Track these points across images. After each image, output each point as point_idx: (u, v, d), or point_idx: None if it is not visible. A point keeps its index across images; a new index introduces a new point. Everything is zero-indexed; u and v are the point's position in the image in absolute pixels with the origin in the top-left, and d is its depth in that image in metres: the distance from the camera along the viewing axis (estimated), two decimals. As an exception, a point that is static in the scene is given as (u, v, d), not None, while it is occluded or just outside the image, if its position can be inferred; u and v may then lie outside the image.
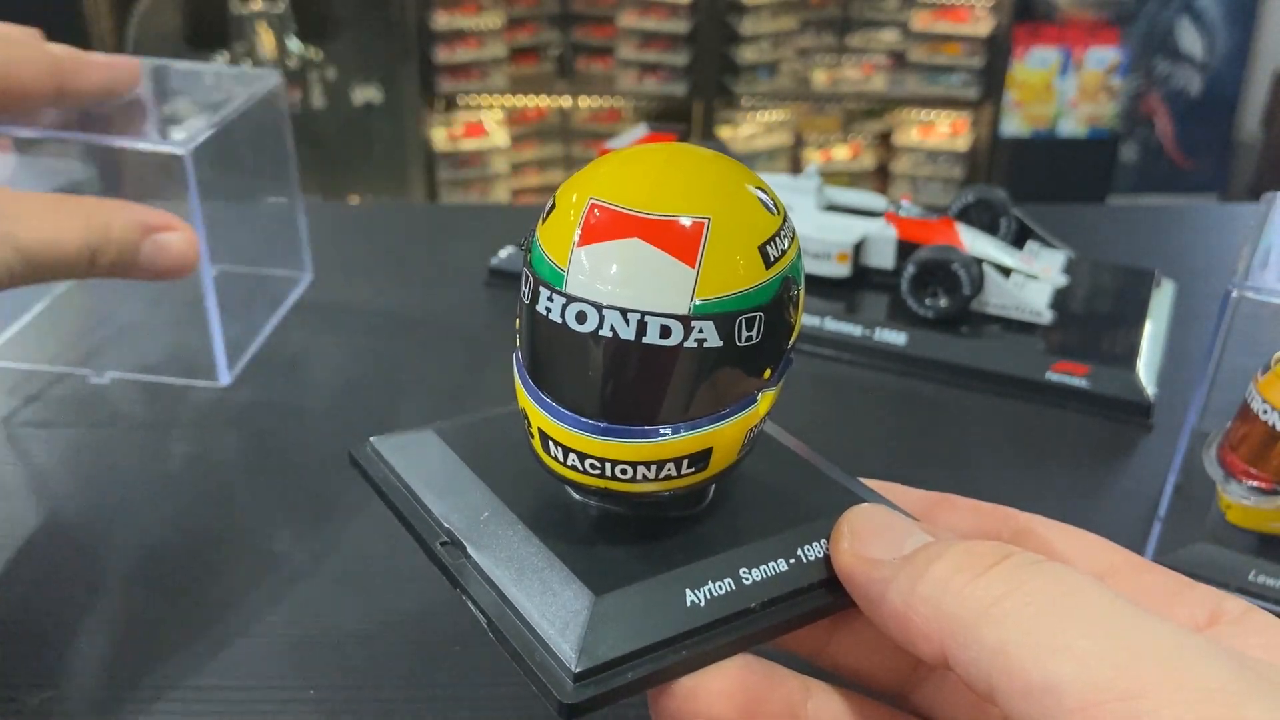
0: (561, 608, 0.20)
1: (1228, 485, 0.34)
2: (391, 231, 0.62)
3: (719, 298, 0.19)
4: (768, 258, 0.20)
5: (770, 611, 0.21)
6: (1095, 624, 0.16)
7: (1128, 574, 0.20)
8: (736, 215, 0.20)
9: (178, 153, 0.39)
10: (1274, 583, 0.33)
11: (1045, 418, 0.43)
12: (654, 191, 0.20)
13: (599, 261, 0.19)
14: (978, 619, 0.17)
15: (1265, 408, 0.32)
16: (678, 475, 0.21)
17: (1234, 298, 0.30)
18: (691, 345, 0.19)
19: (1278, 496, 0.33)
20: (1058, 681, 0.15)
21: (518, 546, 0.21)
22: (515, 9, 1.93)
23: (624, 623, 0.19)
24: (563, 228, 0.20)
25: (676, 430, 0.20)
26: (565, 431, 0.20)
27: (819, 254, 0.49)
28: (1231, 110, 2.18)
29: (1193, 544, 0.34)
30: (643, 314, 0.19)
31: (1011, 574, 0.17)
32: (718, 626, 0.20)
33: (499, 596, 0.20)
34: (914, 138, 2.01)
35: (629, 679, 0.19)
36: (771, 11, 1.90)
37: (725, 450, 0.21)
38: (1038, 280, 0.48)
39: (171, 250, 0.33)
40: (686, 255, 0.19)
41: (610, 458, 0.20)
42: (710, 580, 0.21)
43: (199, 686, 0.29)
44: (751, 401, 0.21)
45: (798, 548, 0.21)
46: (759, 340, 0.20)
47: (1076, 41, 2.03)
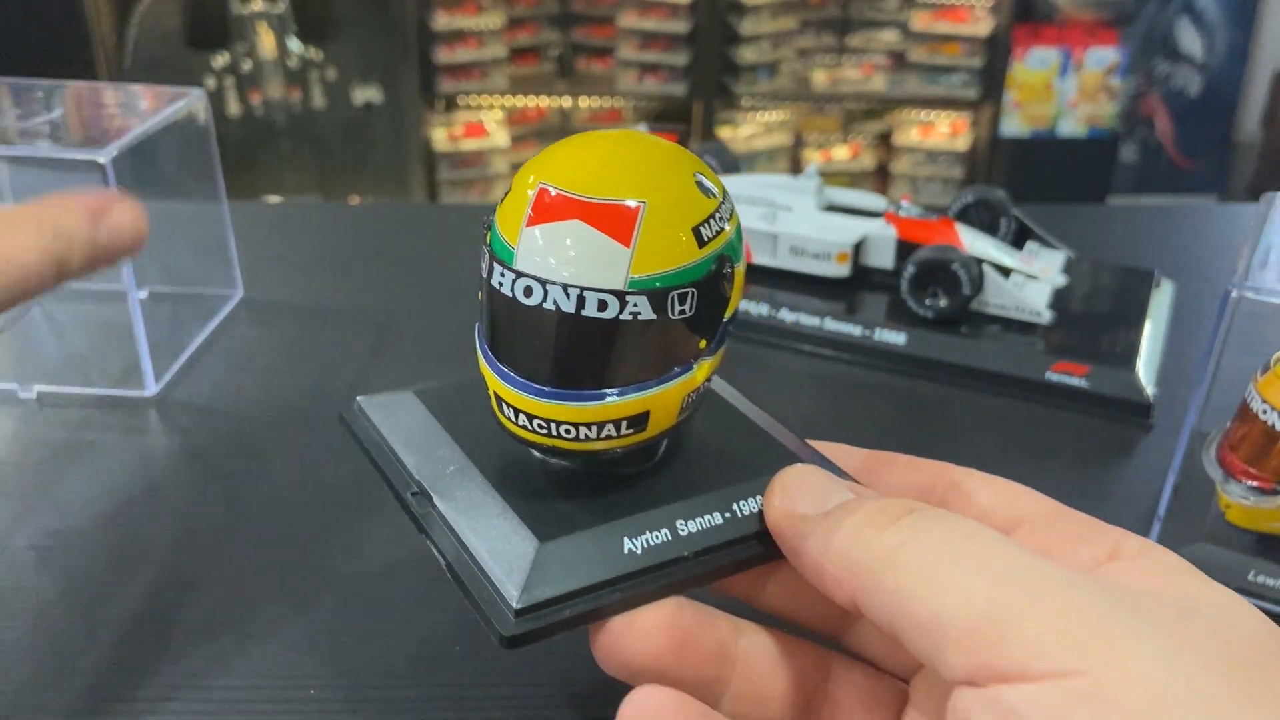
0: (510, 552, 0.22)
1: (1227, 485, 0.34)
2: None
3: (652, 275, 0.21)
4: (701, 238, 0.22)
5: (703, 560, 0.23)
6: (980, 565, 0.18)
7: (1042, 520, 0.22)
8: (672, 199, 0.22)
9: (98, 160, 0.39)
10: (1273, 582, 0.33)
11: (1045, 418, 0.43)
12: (596, 177, 0.22)
13: (544, 241, 0.21)
14: (881, 566, 0.19)
15: (1265, 407, 0.32)
16: (618, 435, 0.23)
17: (1233, 298, 0.30)
18: (627, 318, 0.21)
19: (1277, 496, 0.33)
20: (944, 615, 0.17)
21: (478, 498, 0.24)
22: (515, 9, 1.93)
23: (565, 566, 0.22)
24: (515, 209, 0.22)
25: (615, 395, 0.22)
26: (515, 395, 0.22)
27: (819, 254, 0.49)
28: (1231, 110, 2.18)
29: (1192, 544, 0.34)
30: (582, 289, 0.21)
31: (912, 525, 0.19)
32: (652, 572, 0.22)
33: (458, 542, 0.23)
34: (914, 138, 2.01)
35: (565, 616, 0.21)
36: (771, 12, 1.91)
37: (663, 413, 0.23)
38: (1037, 280, 0.48)
39: (125, 230, 0.28)
40: (622, 236, 0.21)
41: (556, 419, 0.22)
42: (648, 530, 0.23)
43: (199, 686, 0.29)
44: (688, 369, 0.23)
45: (734, 503, 0.24)
46: (692, 313, 0.22)
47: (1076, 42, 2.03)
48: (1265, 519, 0.34)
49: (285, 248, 0.59)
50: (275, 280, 0.53)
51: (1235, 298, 0.30)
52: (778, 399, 0.36)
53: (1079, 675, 0.16)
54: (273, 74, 1.87)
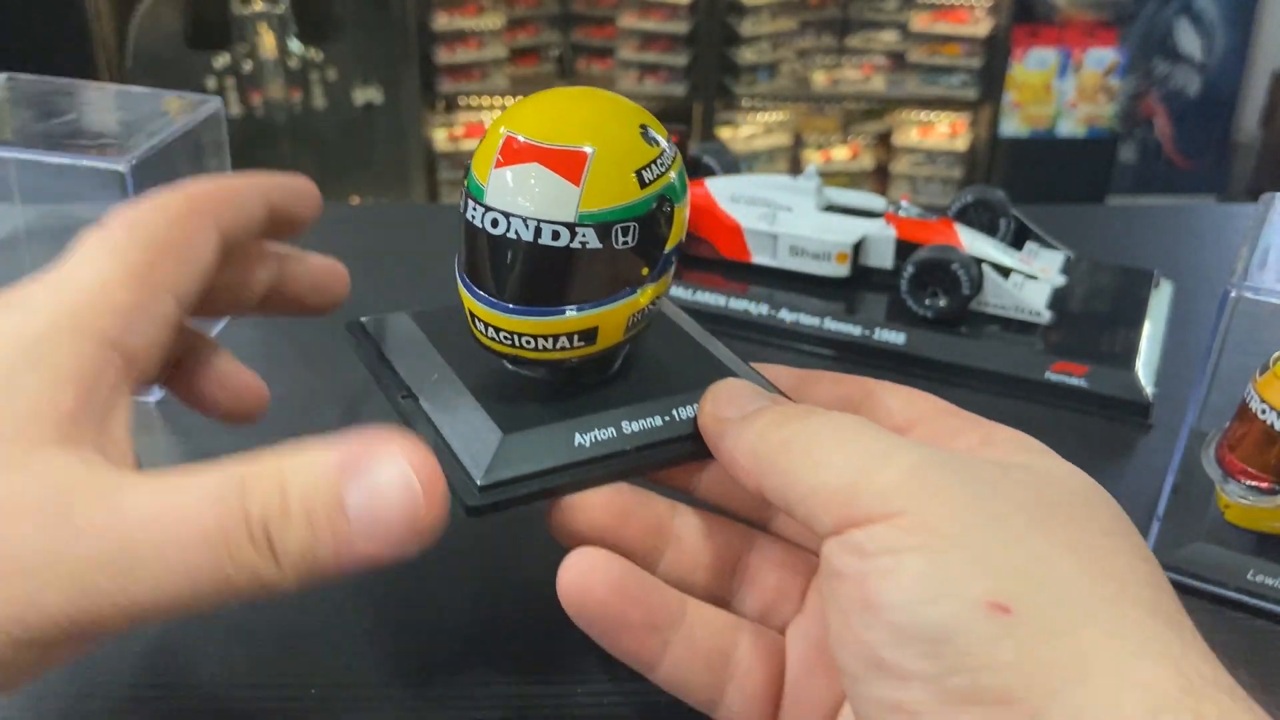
0: (479, 442, 0.26)
1: (1226, 485, 0.34)
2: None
3: (598, 210, 0.25)
4: (643, 180, 0.26)
5: (643, 454, 0.27)
6: (847, 445, 0.22)
7: (933, 418, 0.25)
8: (618, 147, 0.25)
9: (118, 168, 0.39)
10: (1272, 581, 0.33)
11: (1044, 417, 0.43)
12: (554, 127, 0.25)
13: (508, 180, 0.25)
14: (775, 454, 0.23)
15: (1264, 407, 0.32)
16: (571, 347, 0.27)
17: (1232, 298, 0.31)
18: (577, 246, 0.25)
19: (1276, 496, 0.33)
20: (817, 485, 0.21)
21: (455, 399, 0.28)
22: (516, 10, 1.93)
23: (523, 454, 0.26)
24: (487, 153, 0.26)
25: (568, 311, 0.26)
26: (485, 311, 0.26)
27: (818, 254, 0.49)
28: (1230, 111, 2.18)
29: (1191, 543, 0.34)
30: (539, 221, 0.25)
31: (803, 422, 0.23)
32: (598, 462, 0.26)
33: (437, 435, 0.27)
34: (913, 138, 2.02)
35: (520, 493, 0.26)
36: (771, 12, 1.91)
37: (611, 329, 0.27)
38: (1037, 280, 0.48)
39: (394, 500, 0.21)
40: (573, 177, 0.25)
41: (517, 331, 0.26)
42: (597, 428, 0.27)
43: (199, 685, 0.29)
44: (632, 292, 0.27)
45: (673, 409, 0.28)
46: (635, 244, 0.26)
47: (1075, 42, 2.03)
48: (1264, 519, 0.34)
49: (286, 248, 0.59)
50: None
51: (1234, 298, 0.31)
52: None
53: (908, 514, 0.20)
54: (273, 74, 1.87)
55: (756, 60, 1.92)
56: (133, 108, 0.48)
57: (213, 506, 0.20)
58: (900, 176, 2.03)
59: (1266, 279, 0.31)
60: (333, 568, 0.21)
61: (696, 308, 0.49)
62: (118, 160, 0.40)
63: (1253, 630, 0.33)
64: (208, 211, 0.25)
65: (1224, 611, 0.33)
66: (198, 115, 0.46)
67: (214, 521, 0.20)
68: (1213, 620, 0.33)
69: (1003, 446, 0.23)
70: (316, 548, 0.21)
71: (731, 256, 0.51)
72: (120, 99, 0.49)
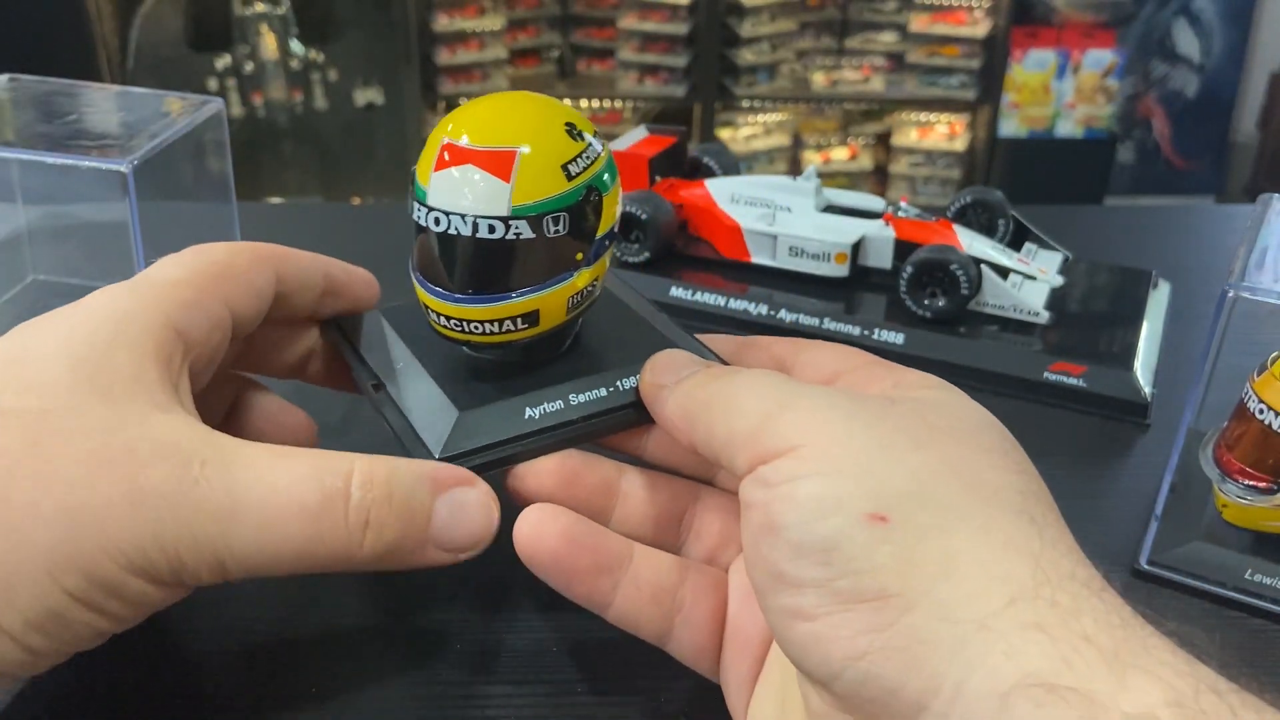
0: (438, 420, 0.29)
1: (1224, 484, 0.34)
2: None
3: (529, 203, 0.27)
4: (569, 174, 0.28)
5: (590, 422, 0.29)
6: (760, 394, 0.24)
7: (855, 369, 0.28)
8: (544, 144, 0.28)
9: (120, 169, 0.39)
10: (1270, 581, 0.33)
11: (1042, 417, 0.43)
12: (485, 131, 0.28)
13: (446, 182, 0.28)
14: (700, 410, 0.25)
15: (1261, 407, 0.32)
16: (516, 330, 0.29)
17: (1230, 298, 0.31)
18: (512, 238, 0.27)
19: (1274, 495, 0.33)
20: (734, 431, 0.24)
21: (418, 384, 0.30)
22: (516, 11, 1.93)
23: (477, 428, 0.29)
24: (427, 159, 0.28)
25: (510, 297, 0.28)
26: (436, 301, 0.29)
27: (818, 254, 0.50)
28: (1228, 111, 2.18)
29: (1189, 543, 0.34)
30: (475, 217, 0.27)
31: (725, 380, 0.25)
32: (547, 432, 0.29)
33: (402, 417, 0.30)
34: (912, 139, 2.02)
35: (475, 463, 0.28)
36: (771, 14, 1.91)
37: (552, 311, 0.29)
38: (1035, 281, 0.48)
39: (474, 515, 0.26)
40: (503, 175, 0.27)
41: (465, 318, 0.29)
42: (546, 401, 0.29)
43: (200, 684, 0.29)
44: (569, 276, 0.29)
45: (617, 380, 0.30)
46: (567, 232, 0.28)
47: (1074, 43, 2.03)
48: (1262, 518, 0.34)
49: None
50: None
51: (1232, 298, 0.31)
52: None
53: (805, 447, 0.22)
54: (275, 75, 1.87)
55: (756, 61, 1.92)
56: (134, 108, 0.48)
57: (319, 483, 0.24)
58: (899, 177, 2.04)
59: (1264, 279, 0.31)
60: (404, 560, 0.26)
61: (696, 308, 0.50)
62: (119, 161, 0.40)
63: (1251, 630, 0.33)
64: (268, 257, 0.30)
65: (1222, 611, 0.33)
66: (199, 116, 0.46)
67: (317, 495, 0.24)
68: (1211, 620, 0.33)
69: (911, 388, 0.26)
70: (403, 540, 0.25)
71: (731, 257, 0.52)
72: (122, 100, 0.50)
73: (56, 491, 0.22)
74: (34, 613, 0.22)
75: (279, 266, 0.30)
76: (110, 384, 0.24)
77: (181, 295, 0.27)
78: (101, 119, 0.48)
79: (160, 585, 0.23)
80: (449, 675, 0.30)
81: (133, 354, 0.25)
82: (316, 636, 0.31)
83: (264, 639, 0.31)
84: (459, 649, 0.30)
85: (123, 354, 0.25)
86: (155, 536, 0.23)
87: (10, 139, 0.45)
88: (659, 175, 0.55)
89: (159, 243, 0.44)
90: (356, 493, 0.24)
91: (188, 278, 0.28)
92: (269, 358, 0.33)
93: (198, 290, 0.27)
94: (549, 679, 0.30)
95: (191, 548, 0.23)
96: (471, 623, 0.32)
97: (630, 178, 0.54)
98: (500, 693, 0.29)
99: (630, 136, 0.57)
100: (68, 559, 0.22)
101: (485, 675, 0.30)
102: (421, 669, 0.30)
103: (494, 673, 0.30)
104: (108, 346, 0.25)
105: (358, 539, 0.24)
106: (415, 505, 0.25)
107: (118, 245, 0.44)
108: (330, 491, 0.24)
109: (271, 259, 0.30)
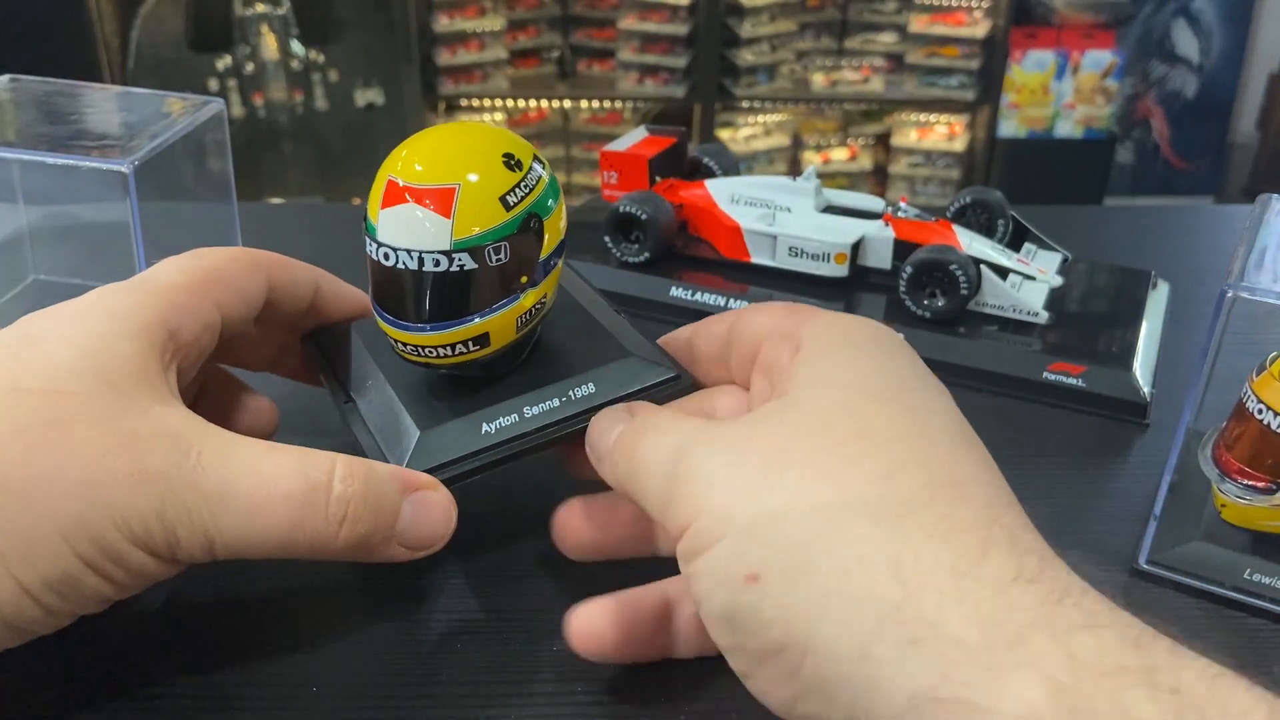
0: (402, 437, 0.31)
1: (1223, 484, 0.34)
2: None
3: (469, 237, 0.29)
4: (507, 204, 0.29)
5: (544, 432, 0.31)
6: (662, 467, 0.25)
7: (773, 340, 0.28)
8: (482, 178, 0.29)
9: (121, 169, 0.40)
10: (1269, 580, 0.33)
11: (1041, 417, 0.43)
12: (426, 168, 0.29)
13: (391, 219, 0.29)
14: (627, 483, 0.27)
15: (1260, 407, 0.32)
16: (469, 351, 0.31)
17: (1229, 298, 0.31)
18: (455, 269, 0.29)
19: (1273, 495, 0.33)
20: (652, 505, 0.26)
21: (384, 402, 0.33)
22: (516, 12, 1.93)
23: (437, 446, 0.31)
24: (375, 196, 0.30)
25: (459, 323, 0.30)
26: (393, 330, 0.31)
27: (817, 255, 0.50)
28: (1227, 112, 2.18)
29: (1188, 543, 0.34)
30: (420, 252, 0.29)
31: (636, 449, 0.27)
32: (504, 445, 0.31)
33: (370, 434, 0.32)
34: (912, 139, 2.02)
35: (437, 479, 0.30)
36: (770, 14, 1.91)
37: (501, 331, 0.31)
38: (1034, 281, 0.48)
39: (435, 514, 0.29)
40: (444, 210, 0.29)
41: (420, 344, 0.30)
42: (501, 416, 0.31)
43: (201, 683, 0.29)
44: (515, 298, 0.31)
45: (570, 390, 0.32)
46: (508, 259, 0.30)
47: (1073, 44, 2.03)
48: (1261, 517, 0.34)
49: (289, 249, 0.59)
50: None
51: (1231, 298, 0.31)
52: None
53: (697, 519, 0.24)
54: (275, 76, 1.87)
55: (756, 62, 1.92)
56: (135, 109, 0.48)
57: (304, 475, 0.26)
58: (898, 177, 2.04)
59: (1262, 279, 0.31)
60: (371, 553, 0.28)
61: (696, 308, 0.50)
62: (120, 161, 0.40)
63: (1250, 630, 0.33)
64: (263, 264, 0.32)
65: (1221, 611, 0.33)
66: (200, 116, 0.46)
67: (302, 486, 0.26)
68: (1210, 620, 0.33)
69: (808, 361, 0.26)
70: (373, 534, 0.27)
71: (731, 257, 0.52)
72: (123, 100, 0.50)
73: (75, 466, 0.24)
74: (52, 574, 0.24)
75: (273, 274, 0.32)
76: (115, 373, 0.26)
77: (176, 298, 0.29)
78: (102, 119, 0.48)
79: (158, 559, 0.25)
80: (449, 675, 0.30)
81: (134, 348, 0.27)
82: (315, 634, 0.31)
83: (264, 637, 0.31)
84: (459, 647, 0.31)
85: (125, 346, 0.27)
86: (157, 513, 0.25)
87: (11, 139, 0.45)
88: (659, 176, 0.55)
89: (160, 243, 0.44)
90: (338, 486, 0.26)
91: (183, 281, 0.29)
92: (248, 353, 0.35)
93: (191, 294, 0.29)
94: (549, 678, 0.30)
95: (187, 526, 0.25)
96: (472, 622, 0.32)
97: (630, 178, 0.54)
98: (501, 692, 0.29)
99: (630, 137, 0.57)
100: (82, 528, 0.24)
101: (486, 674, 0.30)
102: (422, 666, 0.30)
103: (495, 672, 0.30)
104: (113, 339, 0.26)
105: (334, 530, 0.26)
106: (386, 503, 0.27)
107: (119, 245, 0.44)
108: (314, 483, 0.26)
109: (266, 266, 0.32)
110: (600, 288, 0.38)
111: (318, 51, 1.89)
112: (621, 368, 0.33)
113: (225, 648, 0.30)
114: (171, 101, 0.47)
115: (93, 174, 0.41)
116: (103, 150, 0.42)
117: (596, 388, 0.32)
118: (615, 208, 0.51)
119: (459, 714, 0.28)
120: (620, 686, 0.29)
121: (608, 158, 0.55)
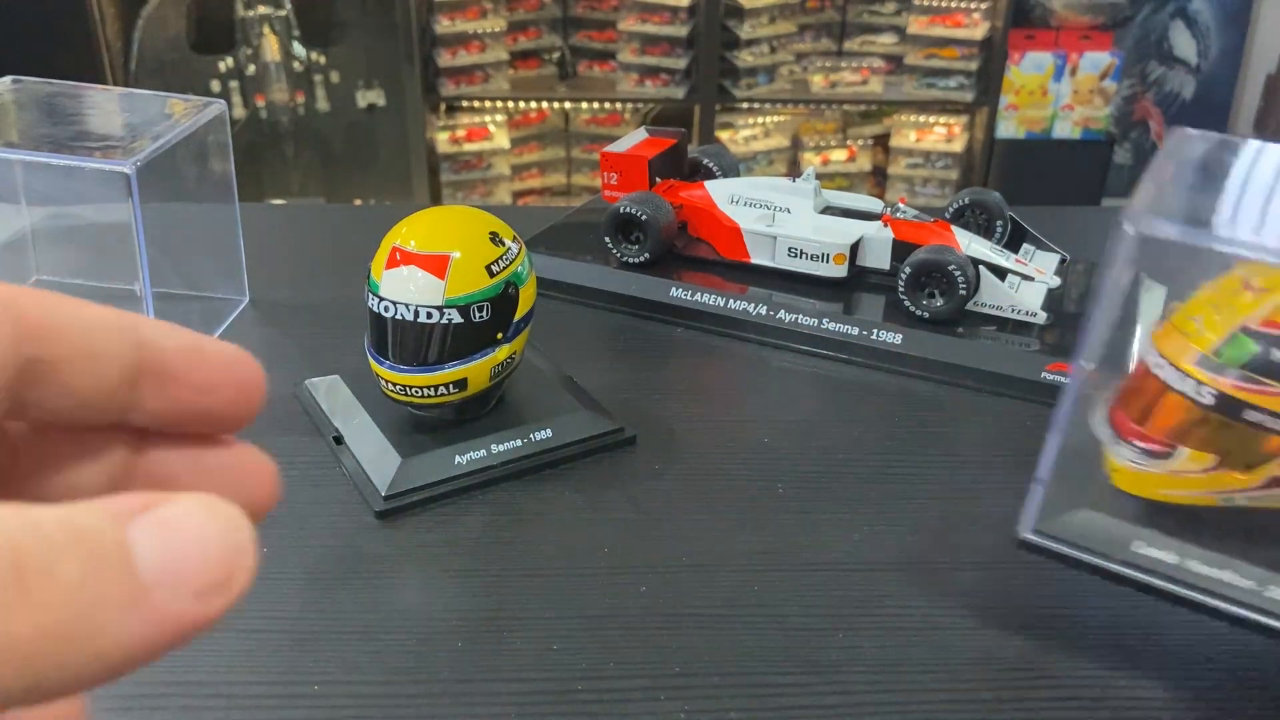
0: (385, 466, 0.39)
1: (1116, 446, 0.31)
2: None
3: (459, 296, 0.38)
4: (491, 272, 0.39)
5: (506, 466, 0.40)
6: None
7: None
8: (472, 250, 0.38)
9: (123, 170, 0.40)
10: (1157, 554, 0.30)
11: (1040, 416, 0.43)
12: (426, 238, 0.38)
13: (394, 279, 0.38)
14: None
15: (1160, 361, 0.30)
16: (448, 394, 0.39)
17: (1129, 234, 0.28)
18: (444, 322, 0.38)
19: (1168, 460, 0.30)
20: None
21: (370, 436, 0.40)
22: (517, 13, 1.94)
23: (416, 472, 0.39)
24: (380, 259, 0.39)
25: (442, 367, 0.38)
26: (384, 371, 0.39)
27: (817, 255, 0.50)
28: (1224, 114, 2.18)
29: (1076, 510, 0.31)
30: (416, 306, 0.38)
31: None
32: (473, 474, 0.39)
33: (358, 464, 0.40)
34: (910, 140, 2.02)
35: (414, 499, 0.38)
36: (770, 16, 1.91)
37: (478, 378, 0.40)
38: (1032, 281, 0.48)
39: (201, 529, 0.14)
40: (439, 274, 0.38)
41: (407, 384, 0.39)
42: (472, 450, 0.40)
43: (202, 682, 0.29)
44: (491, 350, 0.39)
45: (530, 433, 0.41)
46: (489, 317, 0.39)
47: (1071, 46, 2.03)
48: (1155, 485, 0.31)
49: (290, 250, 0.60)
50: (280, 282, 0.54)
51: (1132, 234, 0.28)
52: (776, 398, 0.37)
53: None
54: (277, 77, 1.87)
55: (755, 63, 1.92)
56: (138, 110, 0.48)
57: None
58: (897, 178, 2.04)
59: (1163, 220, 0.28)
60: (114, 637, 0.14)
61: (696, 308, 0.50)
62: (123, 162, 0.40)
63: (1139, 606, 0.30)
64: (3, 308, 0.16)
65: (1108, 587, 0.31)
66: (202, 118, 0.46)
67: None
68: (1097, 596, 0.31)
69: None
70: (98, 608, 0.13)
71: (730, 257, 0.52)
72: (125, 102, 0.50)
73: None
74: None
75: (28, 325, 0.15)
76: None
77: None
78: (105, 121, 0.48)
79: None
80: (448, 674, 0.30)
81: None
82: (317, 634, 0.31)
83: (265, 636, 0.31)
84: (459, 647, 0.31)
85: None
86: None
87: (14, 140, 0.46)
88: (659, 177, 0.55)
89: (162, 243, 0.44)
90: None
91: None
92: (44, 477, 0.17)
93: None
94: (549, 678, 0.30)
95: None
96: (472, 622, 0.32)
97: (630, 179, 0.55)
98: (501, 691, 0.29)
99: (630, 138, 0.57)
100: None
101: (486, 674, 0.30)
102: (422, 665, 0.30)
103: (494, 671, 0.30)
104: None
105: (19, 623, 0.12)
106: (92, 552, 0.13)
107: (121, 246, 0.44)
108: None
109: (8, 310, 0.15)
110: (600, 288, 0.40)
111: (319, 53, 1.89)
112: (574, 418, 0.41)
113: (225, 648, 0.30)
114: (174, 103, 0.48)
115: (95, 175, 0.41)
116: (105, 151, 0.43)
117: (553, 433, 0.41)
118: (616, 209, 0.52)
119: (459, 714, 0.29)
120: (620, 686, 0.30)
121: (608, 159, 0.56)
